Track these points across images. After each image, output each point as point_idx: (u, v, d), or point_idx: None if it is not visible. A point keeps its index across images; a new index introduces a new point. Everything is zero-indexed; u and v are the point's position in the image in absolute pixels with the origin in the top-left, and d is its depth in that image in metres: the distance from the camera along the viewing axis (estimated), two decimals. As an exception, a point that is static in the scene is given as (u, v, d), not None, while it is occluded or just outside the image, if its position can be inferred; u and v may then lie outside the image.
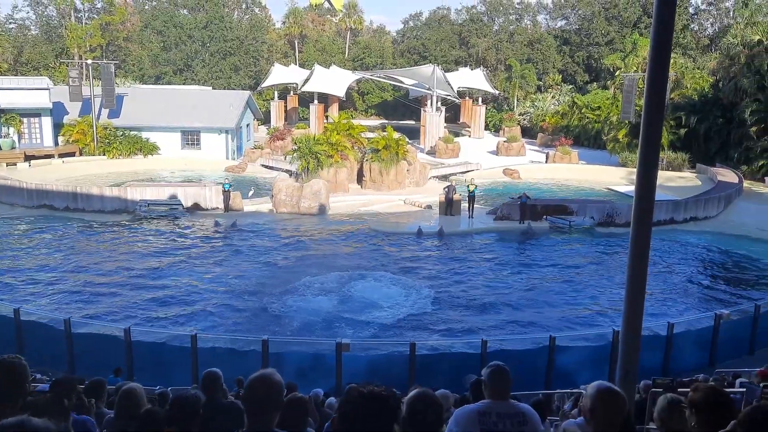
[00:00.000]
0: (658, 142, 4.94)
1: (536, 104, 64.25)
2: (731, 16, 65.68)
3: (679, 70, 48.15)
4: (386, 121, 64.65)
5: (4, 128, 42.24)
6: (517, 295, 21.46)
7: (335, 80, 56.90)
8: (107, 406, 6.43)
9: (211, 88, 61.26)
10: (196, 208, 31.73)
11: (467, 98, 62.64)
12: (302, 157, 35.04)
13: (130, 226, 29.75)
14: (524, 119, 63.48)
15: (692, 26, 70.68)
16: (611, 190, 39.38)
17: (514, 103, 67.04)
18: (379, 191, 36.21)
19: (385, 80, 64.90)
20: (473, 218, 30.69)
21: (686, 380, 10.57)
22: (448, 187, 32.24)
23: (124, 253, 25.54)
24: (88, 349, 15.16)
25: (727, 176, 38.08)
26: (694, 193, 35.09)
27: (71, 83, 43.37)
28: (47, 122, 43.38)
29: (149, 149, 45.36)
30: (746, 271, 24.87)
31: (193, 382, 12.72)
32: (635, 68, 50.04)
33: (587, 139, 54.64)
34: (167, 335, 16.31)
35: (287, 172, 39.08)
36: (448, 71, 59.72)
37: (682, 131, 44.27)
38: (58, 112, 44.05)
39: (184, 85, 64.05)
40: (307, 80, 55.96)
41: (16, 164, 39.81)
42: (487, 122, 63.30)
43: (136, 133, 45.41)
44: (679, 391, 7.30)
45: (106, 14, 67.96)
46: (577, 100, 57.97)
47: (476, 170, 42.42)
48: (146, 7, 79.31)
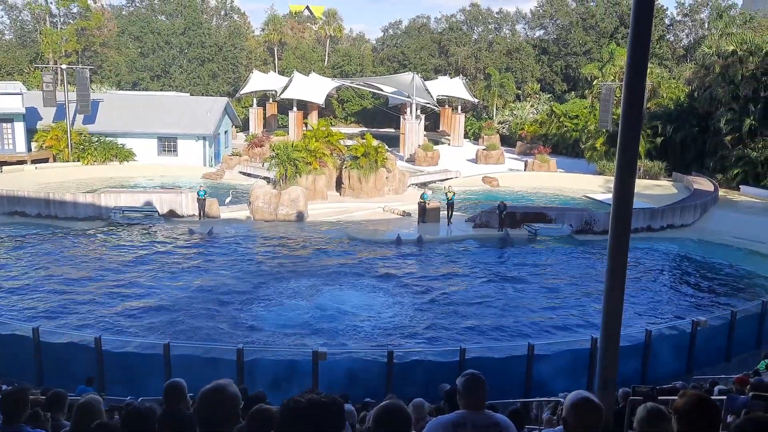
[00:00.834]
0: (635, 150, 4.91)
1: (515, 113, 64.65)
2: (706, 27, 66.77)
3: (655, 79, 48.71)
4: (366, 128, 64.55)
5: (-25, 133, 41.46)
6: (494, 302, 21.36)
7: (314, 87, 56.75)
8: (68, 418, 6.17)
9: (188, 94, 60.73)
10: (171, 215, 31.28)
11: (446, 106, 62.85)
12: (280, 164, 34.77)
13: (103, 233, 29.24)
14: (503, 128, 63.81)
15: (668, 37, 71.71)
16: (589, 198, 39.61)
17: (493, 111, 67.38)
18: (358, 199, 36.04)
19: (364, 88, 64.91)
20: (452, 225, 30.64)
21: (666, 387, 10.51)
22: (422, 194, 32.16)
23: (95, 260, 25.06)
24: (58, 359, 14.78)
25: (703, 184, 38.49)
26: (670, 201, 35.41)
27: (45, 88, 42.70)
28: (20, 127, 42.60)
29: (125, 155, 44.73)
30: (722, 278, 25.05)
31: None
32: (612, 77, 50.53)
33: (565, 147, 55.03)
34: (139, 345, 15.94)
35: (265, 179, 38.79)
36: (427, 79, 59.90)
37: (658, 140, 44.73)
38: (31, 117, 43.29)
39: (161, 91, 63.47)
40: (286, 87, 55.73)
41: (-13, 170, 39.06)
42: (466, 130, 63.52)
43: (111, 139, 44.79)
44: (659, 399, 7.20)
45: (82, 19, 67.25)
46: (555, 108, 58.38)
47: (456, 178, 42.46)
48: (123, 12, 78.55)
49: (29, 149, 43.29)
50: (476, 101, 64.62)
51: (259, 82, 61.24)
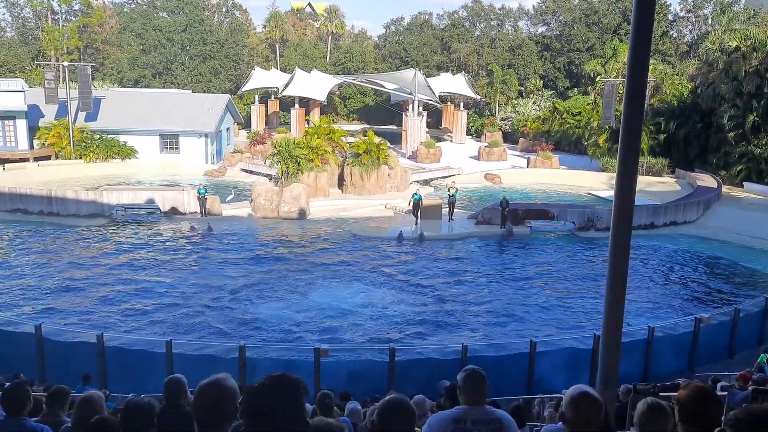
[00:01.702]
0: (637, 147, 4.87)
1: (517, 109, 64.48)
2: (709, 23, 66.46)
3: (658, 76, 48.54)
4: (368, 125, 64.50)
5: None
6: (495, 299, 21.34)
7: (316, 84, 56.67)
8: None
9: (190, 91, 60.67)
10: (173, 212, 31.30)
11: (449, 103, 62.72)
12: (282, 161, 34.73)
13: (105, 230, 29.26)
14: (505, 124, 63.66)
15: (671, 33, 71.44)
16: (592, 194, 39.55)
17: (495, 108, 67.23)
18: (360, 196, 36.00)
19: (366, 85, 64.82)
20: (453, 222, 30.59)
21: (668, 384, 10.48)
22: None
23: (96, 257, 25.07)
24: (59, 356, 14.78)
25: (706, 181, 38.39)
26: (673, 197, 35.33)
27: (47, 85, 42.66)
28: (22, 125, 42.64)
29: (127, 153, 44.72)
30: (725, 275, 25.01)
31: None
32: (615, 74, 50.33)
33: (568, 144, 54.89)
34: (142, 342, 15.95)
35: (267, 176, 38.75)
36: (429, 76, 59.75)
37: (661, 136, 44.59)
38: (33, 114, 43.32)
39: (163, 88, 63.44)
40: (288, 84, 55.65)
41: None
42: (468, 127, 63.40)
43: (113, 136, 44.75)
44: (660, 395, 7.18)
45: (83, 16, 67.23)
46: (558, 105, 58.22)
47: (458, 175, 42.40)
48: (125, 9, 78.51)
49: (31, 147, 43.32)
50: (478, 98, 64.47)
51: (260, 79, 61.17)
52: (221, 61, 72.62)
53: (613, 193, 4.86)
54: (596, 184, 41.50)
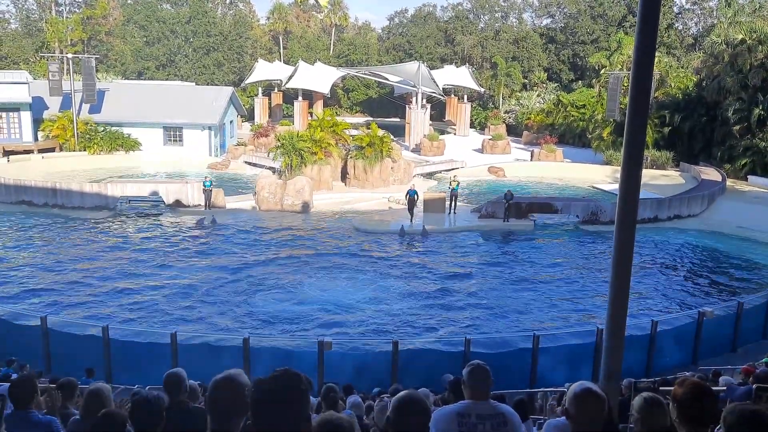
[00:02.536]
0: (642, 140, 4.85)
1: (521, 102, 64.35)
2: (715, 15, 66.09)
3: (663, 68, 48.36)
4: (371, 118, 64.45)
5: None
6: (498, 293, 21.36)
7: (320, 77, 56.58)
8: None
9: (194, 83, 60.66)
10: (177, 205, 31.36)
11: (452, 96, 62.60)
12: (286, 154, 34.73)
13: (110, 222, 29.33)
14: (509, 117, 63.56)
15: (676, 25, 71.10)
16: (596, 188, 39.48)
17: (499, 100, 67.08)
18: (363, 189, 36.00)
19: (370, 77, 64.69)
20: (456, 215, 30.58)
21: (669, 378, 10.50)
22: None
23: (100, 250, 25.14)
24: (65, 348, 14.85)
25: (710, 174, 38.30)
26: (677, 191, 35.26)
27: (51, 77, 42.69)
28: (26, 117, 42.67)
29: (131, 145, 44.72)
30: (729, 268, 24.97)
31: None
32: (620, 66, 50.13)
33: (572, 137, 54.79)
34: (146, 334, 16.01)
35: (271, 169, 38.77)
36: (433, 68, 59.63)
37: (666, 130, 44.48)
38: (37, 106, 43.35)
39: (166, 80, 63.40)
40: (291, 77, 55.58)
41: (-6, 160, 39.18)
42: (472, 120, 63.31)
43: (117, 128, 44.77)
44: (660, 389, 7.21)
45: (87, 8, 67.23)
46: (562, 98, 58.08)
47: (461, 168, 42.36)
48: (128, 1, 78.40)
49: (36, 139, 43.39)
50: (482, 90, 64.32)
51: (264, 71, 61.10)
52: (225, 53, 72.55)
53: (616, 186, 4.86)
54: (600, 177, 41.43)
